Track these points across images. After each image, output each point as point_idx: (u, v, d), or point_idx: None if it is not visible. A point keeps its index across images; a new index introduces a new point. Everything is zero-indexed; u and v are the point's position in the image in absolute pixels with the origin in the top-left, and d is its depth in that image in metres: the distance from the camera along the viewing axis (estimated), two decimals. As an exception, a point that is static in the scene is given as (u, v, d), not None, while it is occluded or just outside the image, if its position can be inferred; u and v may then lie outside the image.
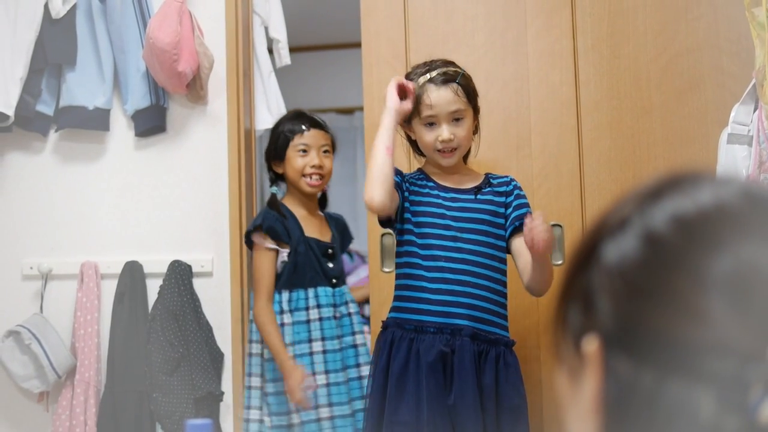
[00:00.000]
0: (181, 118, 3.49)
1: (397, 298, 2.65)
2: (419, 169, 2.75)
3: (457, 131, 2.60)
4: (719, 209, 0.65)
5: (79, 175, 3.51)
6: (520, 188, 2.72)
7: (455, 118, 2.59)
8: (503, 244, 2.64)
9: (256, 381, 3.06)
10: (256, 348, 3.07)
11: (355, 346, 3.08)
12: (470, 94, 2.63)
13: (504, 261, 2.65)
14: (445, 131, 2.58)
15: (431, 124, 2.60)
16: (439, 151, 2.61)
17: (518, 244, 2.59)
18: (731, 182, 0.67)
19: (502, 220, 2.64)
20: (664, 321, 0.61)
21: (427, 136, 2.61)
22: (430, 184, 2.65)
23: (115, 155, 3.52)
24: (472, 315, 2.56)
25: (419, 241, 2.60)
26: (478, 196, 2.65)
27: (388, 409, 2.52)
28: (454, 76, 2.60)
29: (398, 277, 2.67)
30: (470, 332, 2.53)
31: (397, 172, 2.63)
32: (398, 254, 2.68)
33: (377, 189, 2.48)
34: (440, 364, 2.50)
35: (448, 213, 2.60)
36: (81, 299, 3.38)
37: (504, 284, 2.65)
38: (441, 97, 2.57)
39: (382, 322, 2.68)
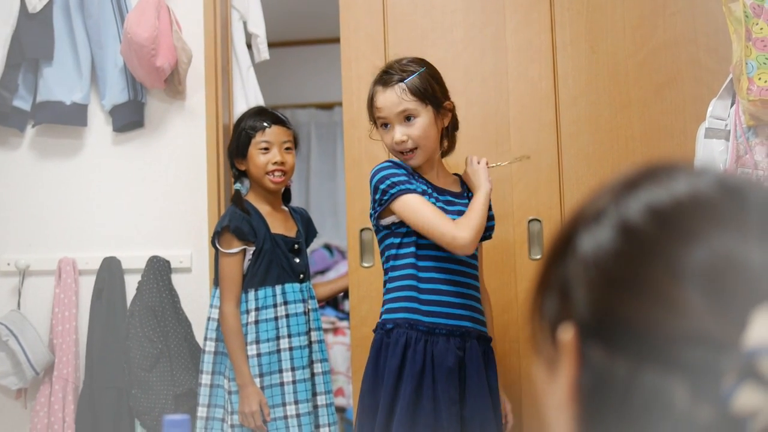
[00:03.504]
0: (159, 114, 3.47)
1: (405, 298, 2.56)
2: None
3: (411, 131, 2.53)
4: (694, 200, 0.65)
5: (57, 171, 3.50)
6: None
7: (406, 117, 2.54)
8: None
9: (206, 378, 3.04)
10: (210, 346, 3.04)
11: (310, 343, 3.06)
12: (422, 92, 2.55)
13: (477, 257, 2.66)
14: (396, 133, 2.54)
15: (385, 125, 2.58)
16: (400, 152, 2.58)
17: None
18: (707, 173, 0.68)
19: None
20: (638, 310, 0.62)
21: (385, 138, 2.60)
22: (429, 188, 2.60)
23: (93, 151, 3.50)
24: (474, 317, 2.56)
25: (427, 242, 2.54)
26: (465, 199, 2.65)
27: (406, 410, 2.45)
28: (401, 77, 2.55)
29: (403, 277, 2.57)
30: (476, 334, 2.54)
31: (403, 166, 2.59)
32: (399, 255, 2.59)
33: (476, 240, 2.51)
34: (457, 369, 2.49)
35: (449, 216, 2.55)
36: (59, 295, 3.36)
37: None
38: (386, 99, 2.55)
39: (382, 321, 2.58)
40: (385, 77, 2.58)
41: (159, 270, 3.32)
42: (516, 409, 2.58)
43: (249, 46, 3.71)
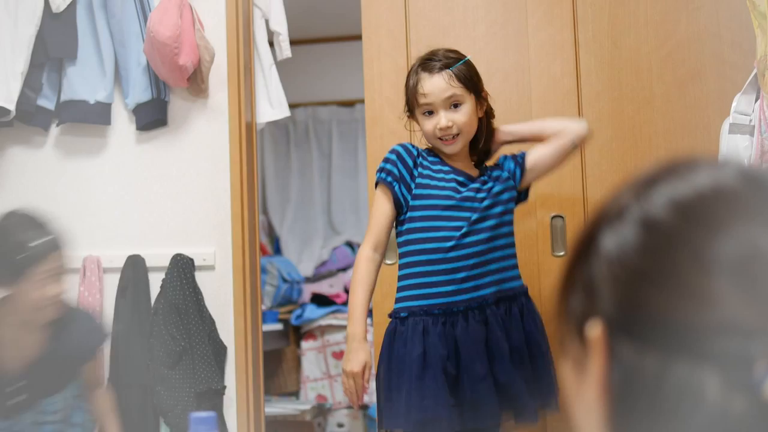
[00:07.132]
0: (183, 112, 3.49)
1: (415, 285, 2.57)
2: (429, 149, 2.72)
3: (456, 117, 2.58)
4: (717, 192, 0.65)
5: (81, 170, 3.52)
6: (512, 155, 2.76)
7: (453, 104, 2.58)
8: (513, 205, 2.68)
9: None
10: None
11: None
12: (467, 80, 2.60)
13: (512, 211, 2.68)
14: (442, 118, 2.57)
15: (429, 112, 2.60)
16: (440, 139, 2.60)
17: (531, 158, 2.72)
18: (728, 165, 0.68)
19: (512, 182, 2.67)
20: (665, 303, 0.62)
21: (427, 125, 2.61)
22: (446, 168, 2.63)
23: (117, 149, 3.52)
24: (497, 279, 2.57)
25: (439, 225, 2.56)
26: (487, 177, 2.66)
27: (441, 390, 2.46)
28: (447, 63, 2.59)
29: (411, 264, 2.59)
30: (495, 298, 2.54)
31: (408, 152, 2.63)
32: (408, 242, 2.60)
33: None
34: (484, 344, 2.50)
35: (470, 194, 2.59)
36: (83, 293, 3.38)
37: (513, 234, 2.67)
38: (434, 85, 2.57)
39: (396, 310, 2.59)
40: (431, 64, 2.61)
41: (183, 268, 3.33)
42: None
43: (271, 43, 3.72)
